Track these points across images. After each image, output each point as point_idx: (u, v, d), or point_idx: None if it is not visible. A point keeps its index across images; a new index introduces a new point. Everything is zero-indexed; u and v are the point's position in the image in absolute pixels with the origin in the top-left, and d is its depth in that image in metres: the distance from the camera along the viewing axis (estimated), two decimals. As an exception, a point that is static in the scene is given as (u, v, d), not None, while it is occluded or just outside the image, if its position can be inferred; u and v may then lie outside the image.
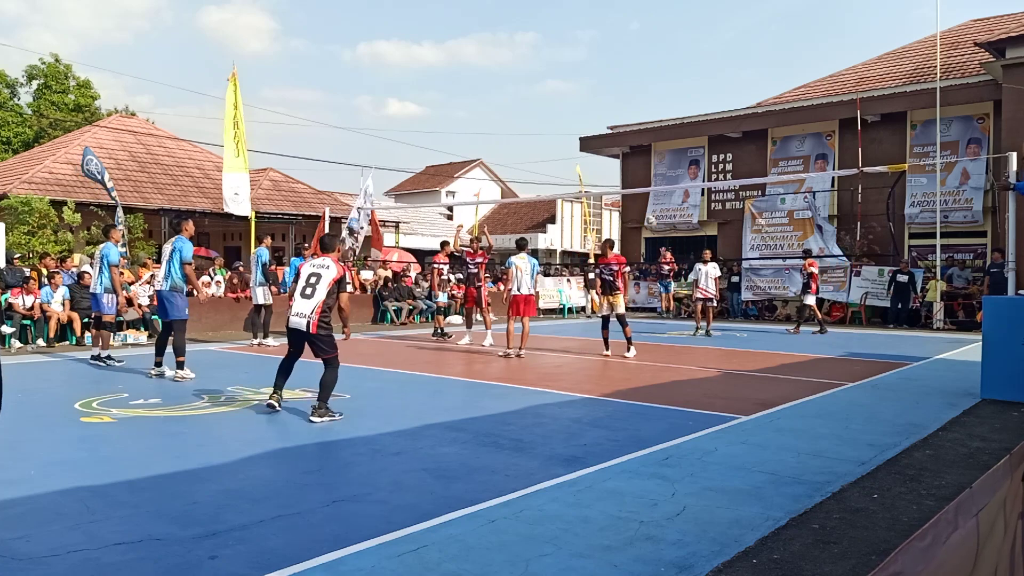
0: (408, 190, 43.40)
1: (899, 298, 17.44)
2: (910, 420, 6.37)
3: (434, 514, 3.82)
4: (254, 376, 8.79)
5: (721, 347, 12.83)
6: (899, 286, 17.42)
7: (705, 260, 15.19)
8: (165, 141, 24.95)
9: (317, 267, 6.51)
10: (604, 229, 35.84)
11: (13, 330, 11.87)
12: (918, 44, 23.95)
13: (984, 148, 18.42)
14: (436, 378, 8.99)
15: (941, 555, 1.49)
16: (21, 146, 34.22)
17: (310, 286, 6.40)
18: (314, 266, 6.54)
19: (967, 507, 1.68)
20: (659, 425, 6.13)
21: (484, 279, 13.32)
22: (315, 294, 6.35)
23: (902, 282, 17.39)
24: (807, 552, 3.37)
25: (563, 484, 4.40)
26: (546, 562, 3.22)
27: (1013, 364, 7.17)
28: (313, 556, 3.25)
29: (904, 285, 17.36)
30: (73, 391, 7.67)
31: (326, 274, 6.43)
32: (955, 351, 12.02)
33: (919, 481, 4.53)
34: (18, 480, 4.43)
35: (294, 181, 25.97)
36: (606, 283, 11.15)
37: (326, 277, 6.41)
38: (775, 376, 9.21)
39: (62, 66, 37.66)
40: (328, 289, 6.36)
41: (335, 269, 6.46)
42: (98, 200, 17.49)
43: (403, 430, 5.87)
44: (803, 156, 21.31)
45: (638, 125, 25.60)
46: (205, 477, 4.55)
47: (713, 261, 15.40)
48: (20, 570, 3.12)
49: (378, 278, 19.63)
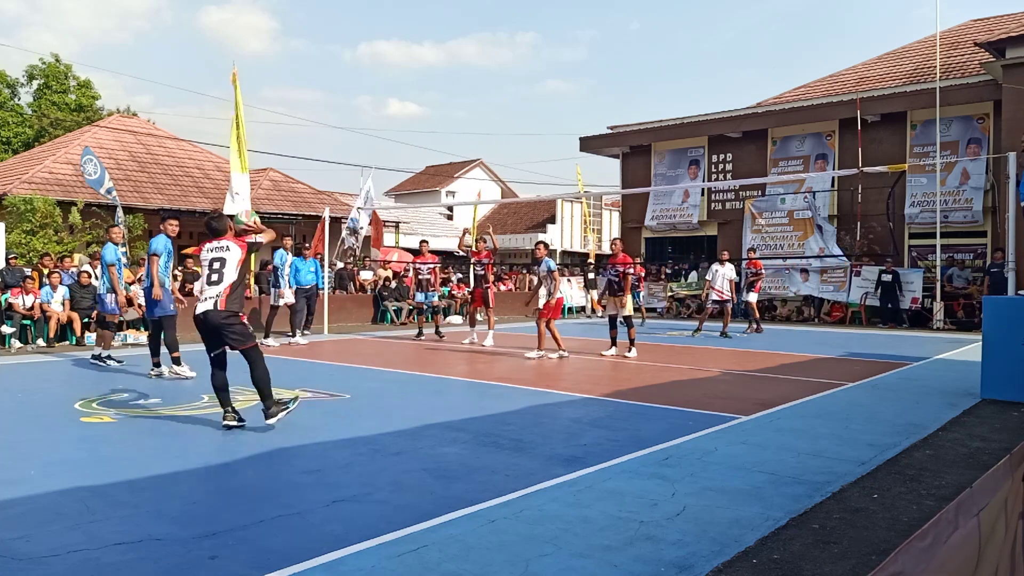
0: (408, 190, 43.41)
1: (887, 298, 17.73)
2: (910, 420, 6.37)
3: (434, 514, 3.81)
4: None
5: (721, 347, 12.82)
6: (885, 286, 17.73)
7: (722, 261, 15.02)
8: (165, 141, 24.94)
9: (217, 250, 6.02)
10: (604, 229, 35.84)
11: (13, 330, 11.87)
12: (918, 44, 23.94)
13: (984, 148, 18.42)
14: (436, 378, 8.99)
15: (942, 555, 1.49)
16: (21, 146, 34.22)
17: (215, 272, 5.94)
18: (213, 250, 6.03)
19: (968, 507, 1.68)
20: (659, 425, 6.13)
21: (491, 281, 13.30)
22: (223, 279, 5.90)
23: (887, 281, 17.71)
24: (807, 552, 3.37)
25: (563, 484, 4.40)
26: (546, 562, 3.21)
27: (1013, 364, 7.17)
28: (313, 556, 3.24)
29: (890, 284, 17.66)
30: (73, 391, 7.66)
31: (230, 256, 5.98)
32: (955, 351, 12.02)
33: (919, 481, 4.53)
34: (18, 480, 4.42)
35: (294, 181, 25.96)
36: (611, 284, 11.14)
37: (231, 259, 5.97)
38: (775, 376, 9.20)
39: (62, 66, 37.67)
40: (237, 270, 5.95)
41: (237, 248, 6.02)
42: (98, 200, 17.49)
43: (403, 430, 5.87)
44: (803, 156, 21.30)
45: (638, 125, 25.60)
46: (205, 477, 4.55)
47: (730, 262, 15.29)
48: (20, 570, 3.12)
49: (378, 278, 19.64)
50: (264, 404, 5.82)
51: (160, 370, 8.72)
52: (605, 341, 11.71)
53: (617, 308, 11.14)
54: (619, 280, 11.00)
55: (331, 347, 12.31)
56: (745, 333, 15.20)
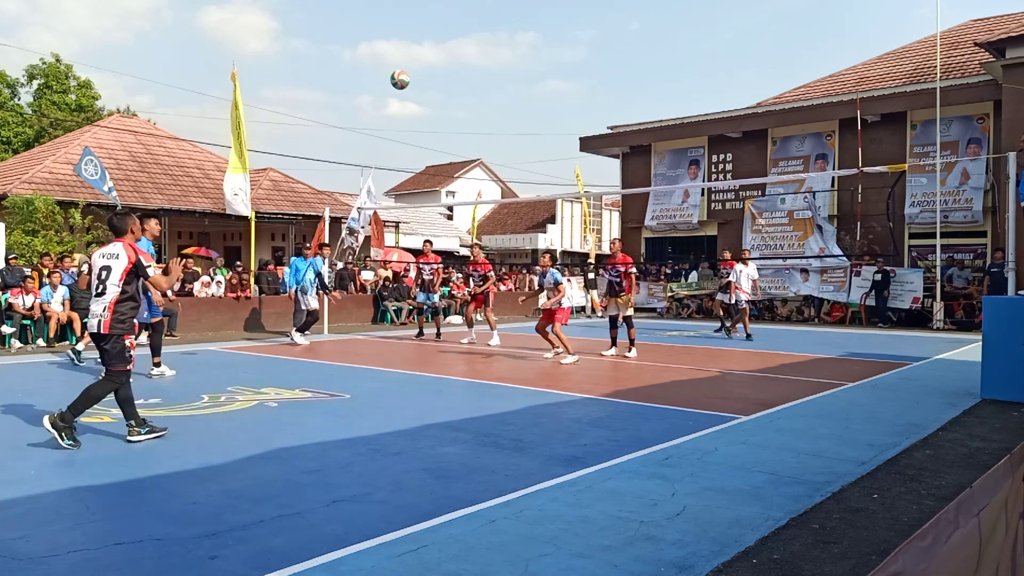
0: (408, 190, 43.42)
1: (878, 298, 18.01)
2: (910, 420, 6.37)
3: (434, 514, 3.81)
4: (254, 376, 8.79)
5: (721, 347, 12.83)
6: (876, 285, 18.04)
7: (745, 261, 14.82)
8: (165, 141, 24.94)
9: (106, 257, 5.52)
10: (604, 229, 35.85)
11: (13, 330, 11.87)
12: (918, 44, 23.94)
13: (984, 148, 18.42)
14: (436, 378, 8.99)
15: (943, 555, 1.49)
16: (21, 146, 34.25)
17: (101, 282, 5.44)
18: (104, 256, 5.54)
19: (968, 507, 1.68)
20: (659, 425, 6.13)
21: (491, 286, 13.41)
22: (107, 291, 5.41)
23: (877, 281, 18.02)
24: (807, 552, 3.37)
25: (563, 484, 4.40)
26: (546, 562, 3.22)
27: (1013, 364, 7.17)
28: (313, 556, 3.25)
29: (880, 284, 17.96)
30: (73, 391, 7.62)
31: (116, 265, 5.44)
32: (955, 351, 12.02)
33: (919, 481, 4.53)
34: (18, 480, 4.43)
35: (294, 181, 25.96)
36: (612, 284, 11.13)
37: (117, 268, 5.43)
38: (775, 376, 9.20)
39: (62, 66, 37.69)
40: (122, 281, 5.41)
41: (125, 257, 5.45)
42: (98, 200, 17.49)
43: (403, 430, 5.87)
44: (803, 156, 21.31)
45: (638, 125, 25.60)
46: (205, 477, 4.55)
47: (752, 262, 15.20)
48: (20, 570, 3.12)
49: (378, 278, 19.64)
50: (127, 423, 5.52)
51: (161, 370, 8.74)
52: (605, 341, 11.72)
53: (618, 308, 11.14)
54: (619, 280, 10.99)
55: (331, 347, 12.31)
56: (718, 332, 15.17)
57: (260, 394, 7.46)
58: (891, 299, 17.88)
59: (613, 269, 11.08)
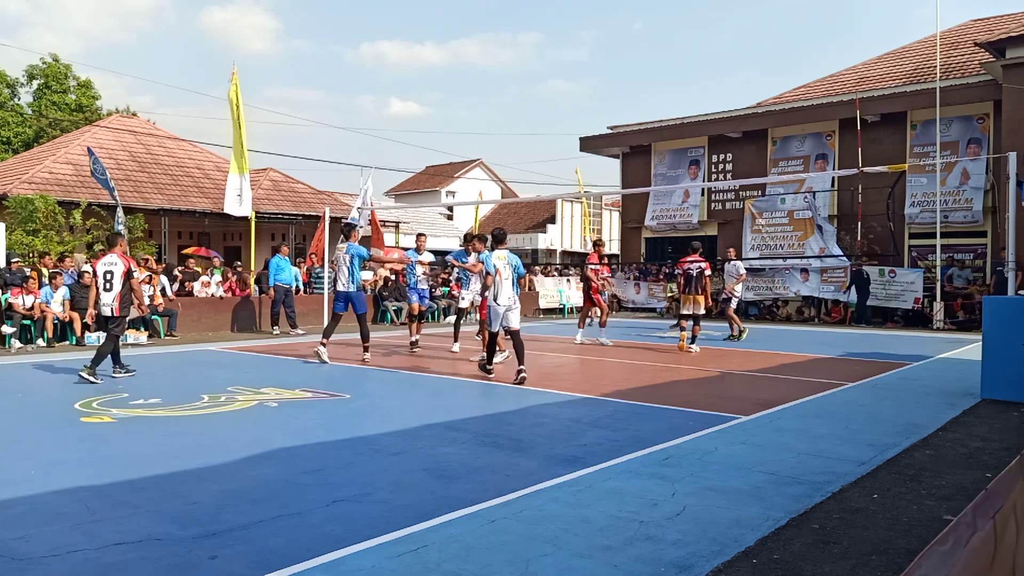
0: (408, 190, 43.42)
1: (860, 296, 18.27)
2: (910, 420, 6.37)
3: (434, 514, 3.81)
4: (254, 376, 8.80)
5: (720, 347, 12.82)
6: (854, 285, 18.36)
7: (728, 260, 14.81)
8: (165, 141, 24.93)
9: (108, 265, 8.20)
10: (604, 229, 35.85)
11: (13, 330, 11.86)
12: (918, 44, 23.94)
13: (984, 148, 18.42)
14: (436, 378, 8.99)
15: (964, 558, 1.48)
16: (21, 146, 34.24)
17: (108, 282, 8.18)
18: (106, 264, 8.21)
19: (984, 509, 1.68)
20: (659, 425, 6.13)
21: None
22: (113, 288, 8.17)
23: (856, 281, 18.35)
24: (807, 552, 3.37)
25: (563, 484, 4.40)
26: (546, 562, 3.22)
27: (1013, 364, 7.18)
28: (313, 556, 3.25)
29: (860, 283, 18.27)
30: (73, 391, 7.66)
31: (116, 270, 8.18)
32: (955, 351, 12.02)
33: (919, 481, 4.53)
34: (18, 480, 4.43)
35: (294, 181, 25.96)
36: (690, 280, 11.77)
37: (117, 272, 8.18)
38: (775, 376, 9.20)
39: (62, 66, 37.69)
40: (122, 281, 8.16)
41: (122, 264, 8.20)
42: (98, 200, 17.49)
43: (403, 430, 5.87)
44: (803, 156, 21.31)
45: (638, 125, 25.60)
46: (205, 477, 4.55)
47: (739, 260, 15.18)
48: (20, 570, 3.12)
49: (378, 278, 19.62)
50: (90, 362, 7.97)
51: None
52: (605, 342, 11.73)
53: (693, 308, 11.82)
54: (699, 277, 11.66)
55: (331, 347, 12.30)
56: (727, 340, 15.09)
57: (260, 394, 7.46)
58: (891, 299, 17.82)
59: (697, 265, 11.72)
